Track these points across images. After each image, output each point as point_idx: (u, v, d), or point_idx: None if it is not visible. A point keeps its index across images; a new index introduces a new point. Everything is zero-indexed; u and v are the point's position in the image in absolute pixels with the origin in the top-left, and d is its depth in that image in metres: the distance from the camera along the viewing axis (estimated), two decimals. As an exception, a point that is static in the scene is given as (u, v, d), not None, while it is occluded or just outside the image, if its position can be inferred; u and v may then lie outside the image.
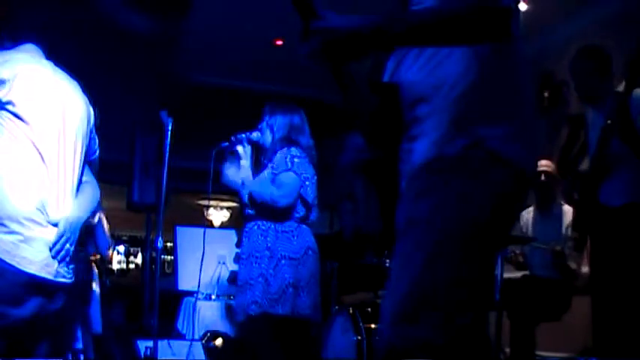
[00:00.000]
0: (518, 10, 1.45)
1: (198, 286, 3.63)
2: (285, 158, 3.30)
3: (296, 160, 3.30)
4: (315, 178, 3.42)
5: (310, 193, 3.36)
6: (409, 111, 1.49)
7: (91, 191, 2.47)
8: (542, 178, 4.37)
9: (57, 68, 2.38)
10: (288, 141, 3.38)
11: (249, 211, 3.40)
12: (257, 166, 3.49)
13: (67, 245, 2.26)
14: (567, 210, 4.40)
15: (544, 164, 4.40)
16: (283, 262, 3.22)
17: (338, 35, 1.35)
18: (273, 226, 3.30)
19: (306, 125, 3.49)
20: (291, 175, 3.27)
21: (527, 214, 4.54)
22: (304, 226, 3.36)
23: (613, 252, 3.15)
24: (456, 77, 1.42)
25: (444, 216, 1.37)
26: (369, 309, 4.00)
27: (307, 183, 3.34)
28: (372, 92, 1.54)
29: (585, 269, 4.23)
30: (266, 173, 3.36)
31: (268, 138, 3.43)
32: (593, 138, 3.47)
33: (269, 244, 3.27)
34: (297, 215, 3.34)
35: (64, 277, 2.27)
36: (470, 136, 1.39)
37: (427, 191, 1.40)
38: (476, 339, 1.40)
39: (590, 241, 3.23)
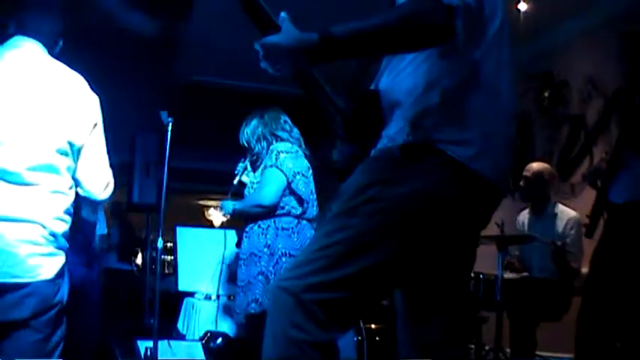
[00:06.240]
0: (470, 12, 1.38)
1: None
2: (271, 153, 3.30)
3: (282, 155, 3.28)
4: (310, 171, 3.40)
5: (303, 188, 3.32)
6: (388, 116, 1.52)
7: None
8: (521, 183, 4.35)
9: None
10: (265, 138, 3.41)
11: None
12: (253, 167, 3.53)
13: None
14: (563, 210, 4.39)
15: (527, 169, 4.38)
16: (284, 259, 3.20)
17: (282, 50, 1.38)
18: (272, 223, 3.28)
19: (284, 118, 3.49)
20: (273, 172, 3.26)
21: (523, 217, 4.53)
22: (304, 222, 3.34)
23: (613, 250, 3.10)
24: (425, 84, 1.44)
25: (365, 197, 1.40)
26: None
27: (298, 177, 3.30)
28: (354, 99, 1.57)
29: (585, 269, 4.23)
30: (260, 171, 3.37)
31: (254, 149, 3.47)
32: None
33: (268, 242, 3.25)
34: (294, 212, 3.32)
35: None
36: (422, 136, 1.41)
37: (360, 171, 1.45)
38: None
39: (600, 237, 3.15)
